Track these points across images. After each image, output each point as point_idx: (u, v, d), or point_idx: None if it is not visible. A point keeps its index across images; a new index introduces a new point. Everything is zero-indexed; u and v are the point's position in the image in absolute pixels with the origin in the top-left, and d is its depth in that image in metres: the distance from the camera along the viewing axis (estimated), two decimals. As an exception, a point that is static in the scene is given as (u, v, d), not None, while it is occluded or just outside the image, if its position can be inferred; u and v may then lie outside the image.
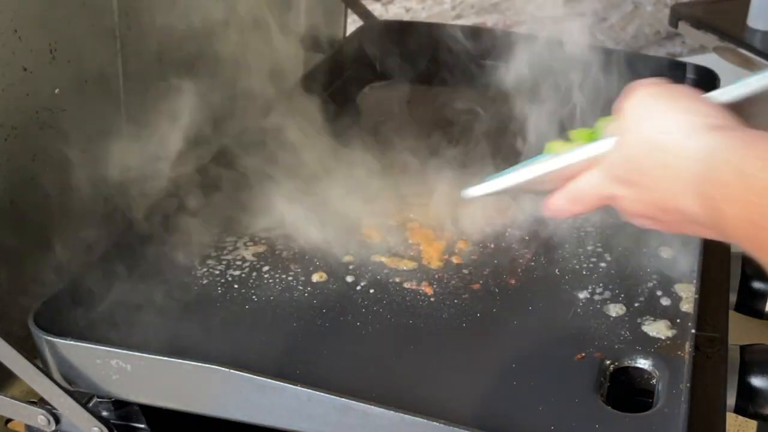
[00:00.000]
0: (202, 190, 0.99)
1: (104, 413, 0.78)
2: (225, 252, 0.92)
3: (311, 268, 0.89)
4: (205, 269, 0.90)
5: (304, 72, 1.32)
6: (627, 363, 0.77)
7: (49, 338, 0.74)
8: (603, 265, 0.88)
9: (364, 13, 1.37)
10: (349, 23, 1.43)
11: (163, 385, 0.74)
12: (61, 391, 0.74)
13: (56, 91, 0.87)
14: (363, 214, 0.97)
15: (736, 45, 1.80)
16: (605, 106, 1.19)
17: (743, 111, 0.61)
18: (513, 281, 0.87)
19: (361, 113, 1.25)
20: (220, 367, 0.70)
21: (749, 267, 0.93)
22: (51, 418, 0.77)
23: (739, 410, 0.79)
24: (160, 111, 1.04)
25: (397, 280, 0.88)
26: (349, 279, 0.88)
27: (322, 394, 0.68)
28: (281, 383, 0.69)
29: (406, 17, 2.15)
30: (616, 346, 0.78)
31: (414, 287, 0.87)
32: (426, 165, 1.05)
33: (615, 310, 0.82)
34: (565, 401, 0.72)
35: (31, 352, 0.75)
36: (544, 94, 1.30)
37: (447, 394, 0.74)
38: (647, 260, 0.88)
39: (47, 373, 0.75)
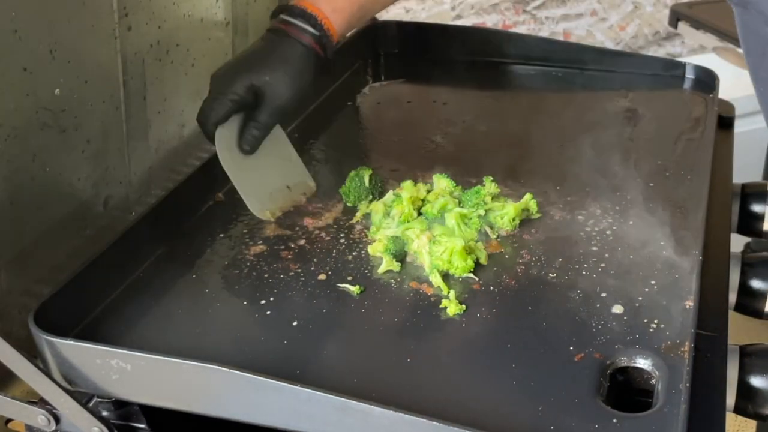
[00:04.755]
0: (201, 190, 0.99)
1: (104, 413, 0.78)
2: (225, 252, 0.92)
3: (311, 268, 0.89)
4: (205, 269, 0.90)
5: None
6: (627, 363, 0.77)
7: (49, 338, 0.74)
8: (603, 265, 0.88)
9: (364, 14, 1.37)
10: (349, 23, 1.43)
11: (163, 385, 0.74)
12: (61, 391, 0.74)
13: (56, 91, 0.87)
14: (361, 214, 0.98)
15: (735, 45, 1.80)
16: (604, 107, 1.20)
17: None
18: (512, 282, 0.87)
19: (361, 113, 1.25)
20: (220, 367, 0.70)
21: (748, 267, 0.93)
22: (51, 418, 0.77)
23: (739, 410, 0.79)
24: (160, 111, 1.04)
25: (398, 279, 0.88)
26: (349, 278, 0.88)
27: (322, 394, 0.68)
28: (281, 383, 0.69)
29: (406, 18, 2.15)
30: (616, 346, 0.78)
31: (414, 287, 0.87)
32: (426, 165, 1.05)
33: (615, 310, 0.82)
34: (565, 401, 0.72)
35: (31, 352, 0.75)
36: (543, 93, 1.31)
37: (446, 393, 0.74)
38: (647, 260, 0.88)
39: (47, 373, 0.75)
